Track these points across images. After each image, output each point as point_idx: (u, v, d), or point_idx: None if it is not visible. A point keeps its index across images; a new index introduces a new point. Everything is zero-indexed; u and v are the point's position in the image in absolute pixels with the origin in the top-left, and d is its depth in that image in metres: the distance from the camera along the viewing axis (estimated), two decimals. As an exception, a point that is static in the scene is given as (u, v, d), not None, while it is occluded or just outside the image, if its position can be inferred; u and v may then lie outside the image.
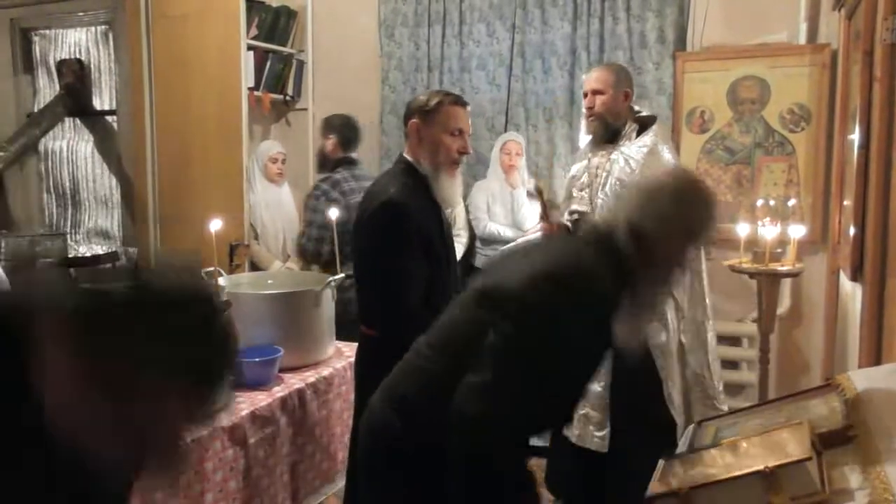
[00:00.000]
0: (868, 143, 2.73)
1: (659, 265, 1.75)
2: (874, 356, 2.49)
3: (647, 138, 3.19)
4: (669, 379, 3.09)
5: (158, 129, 4.54)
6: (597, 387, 3.14)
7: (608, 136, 3.24)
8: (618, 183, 3.13)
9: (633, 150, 3.17)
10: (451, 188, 2.59)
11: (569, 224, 3.30)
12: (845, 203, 3.33)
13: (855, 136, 2.94)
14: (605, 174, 3.19)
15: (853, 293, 3.02)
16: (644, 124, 3.26)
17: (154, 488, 1.36)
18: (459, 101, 2.58)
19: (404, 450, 1.80)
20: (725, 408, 3.07)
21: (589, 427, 3.17)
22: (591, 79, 3.27)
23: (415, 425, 1.77)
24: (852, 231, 2.86)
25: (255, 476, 2.45)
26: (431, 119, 2.52)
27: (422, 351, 1.87)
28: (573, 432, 3.21)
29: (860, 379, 1.61)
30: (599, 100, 3.20)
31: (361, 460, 1.97)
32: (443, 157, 2.52)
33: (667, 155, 3.20)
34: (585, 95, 3.27)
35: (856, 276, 2.84)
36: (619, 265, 1.71)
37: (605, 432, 3.13)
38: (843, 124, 3.62)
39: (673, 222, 1.72)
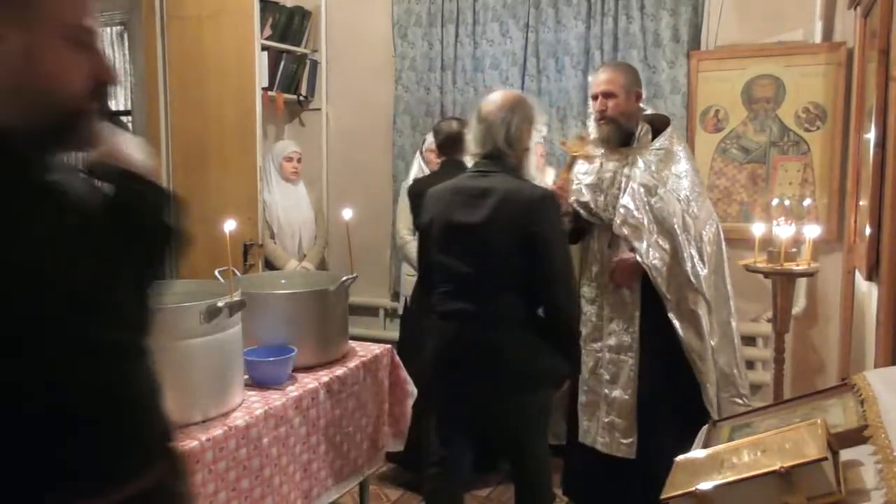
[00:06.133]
0: (884, 142, 2.72)
1: (525, 149, 2.68)
2: (890, 356, 2.48)
3: (664, 140, 3.15)
4: (708, 382, 3.07)
5: (173, 130, 4.56)
6: (623, 394, 3.13)
7: (621, 139, 3.18)
8: (643, 189, 3.08)
9: (651, 155, 3.13)
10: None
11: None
12: (861, 202, 3.32)
13: (871, 135, 2.92)
14: (624, 179, 3.13)
15: (869, 293, 3.00)
16: (653, 123, 3.22)
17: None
18: None
19: None
20: (753, 405, 3.06)
21: (615, 434, 3.15)
22: (600, 80, 3.14)
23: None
24: (868, 230, 2.84)
25: (268, 475, 2.46)
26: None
27: None
28: (599, 440, 3.20)
29: (876, 379, 1.60)
30: (612, 103, 3.10)
31: None
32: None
33: (683, 156, 3.17)
34: (595, 98, 3.15)
35: (871, 275, 2.83)
36: (513, 169, 2.66)
37: (632, 440, 3.12)
38: (858, 123, 3.60)
39: (517, 121, 2.64)
